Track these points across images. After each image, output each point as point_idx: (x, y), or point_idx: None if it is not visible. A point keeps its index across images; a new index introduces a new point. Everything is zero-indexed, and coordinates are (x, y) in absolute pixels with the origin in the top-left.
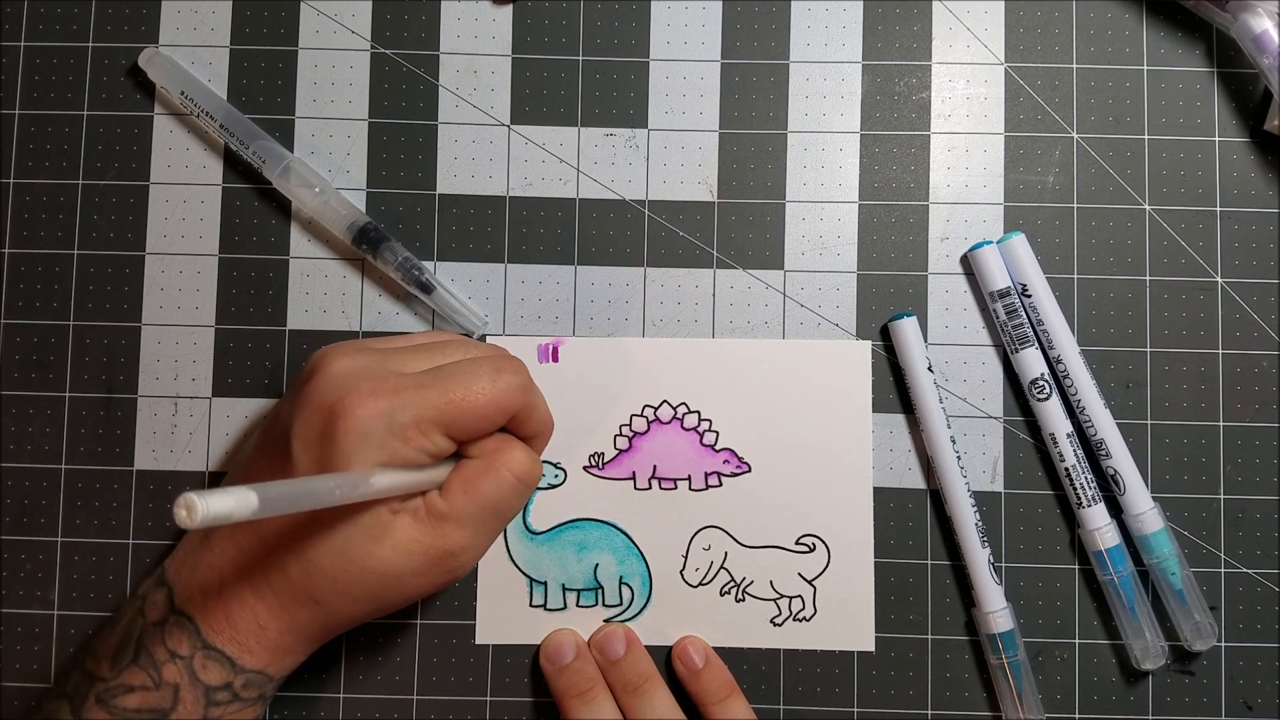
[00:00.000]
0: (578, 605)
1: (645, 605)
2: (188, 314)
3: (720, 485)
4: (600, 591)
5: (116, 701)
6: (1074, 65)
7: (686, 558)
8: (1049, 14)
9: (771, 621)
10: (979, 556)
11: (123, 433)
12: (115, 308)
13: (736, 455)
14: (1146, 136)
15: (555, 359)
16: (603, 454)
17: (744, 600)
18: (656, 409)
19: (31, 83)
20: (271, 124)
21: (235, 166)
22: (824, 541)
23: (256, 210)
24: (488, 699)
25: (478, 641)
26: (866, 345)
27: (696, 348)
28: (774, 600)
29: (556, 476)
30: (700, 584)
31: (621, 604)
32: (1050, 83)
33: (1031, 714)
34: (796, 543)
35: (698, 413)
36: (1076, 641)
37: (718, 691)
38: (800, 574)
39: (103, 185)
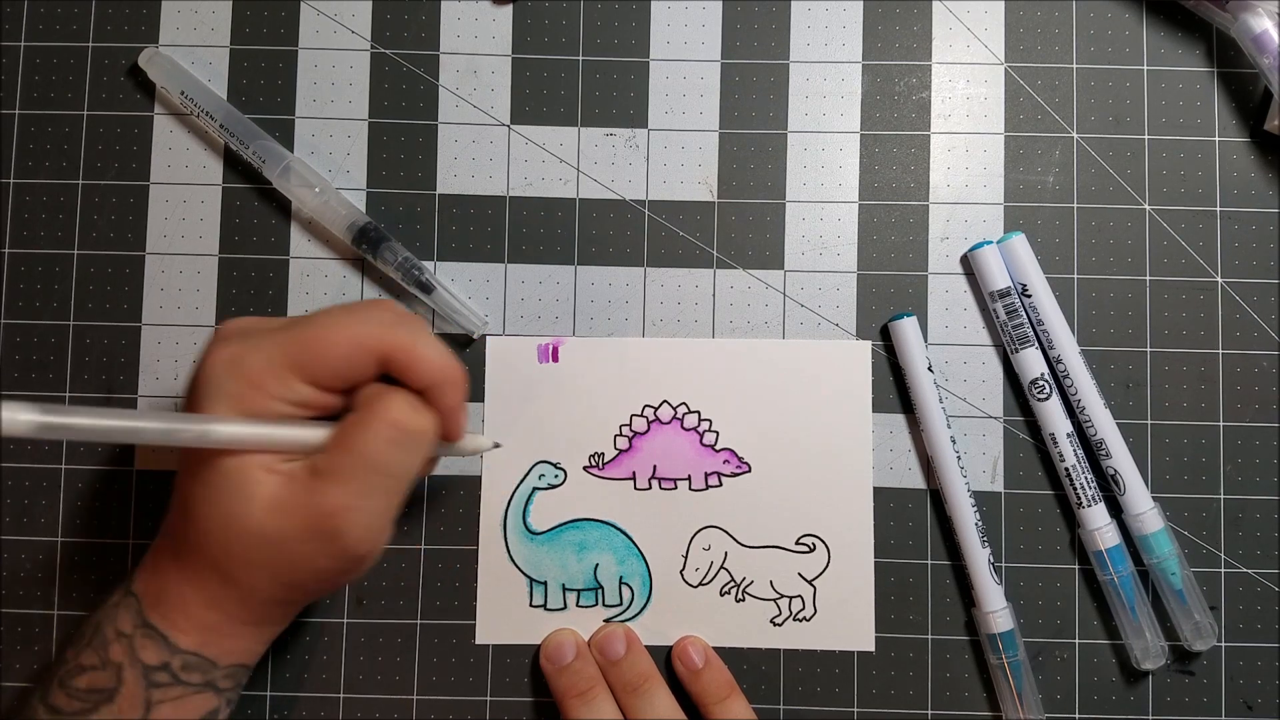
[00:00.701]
0: (578, 605)
1: (645, 605)
2: (188, 314)
3: (720, 485)
4: (600, 591)
5: (72, 682)
6: (1074, 65)
7: (686, 558)
8: (1049, 14)
9: (771, 621)
10: (979, 556)
11: None
12: (115, 308)
13: (736, 455)
14: (1146, 136)
15: (555, 359)
16: (603, 454)
17: (744, 600)
18: (656, 409)
19: (31, 83)
20: (271, 124)
21: (235, 166)
22: (824, 541)
23: (256, 210)
24: (488, 699)
25: (478, 641)
26: (866, 345)
27: (696, 348)
28: (774, 600)
29: (556, 476)
30: (700, 584)
31: (622, 604)
32: (1050, 83)
33: (1031, 714)
34: (796, 543)
35: (698, 413)
36: (1076, 641)
37: (718, 691)
38: (800, 574)
39: (103, 185)
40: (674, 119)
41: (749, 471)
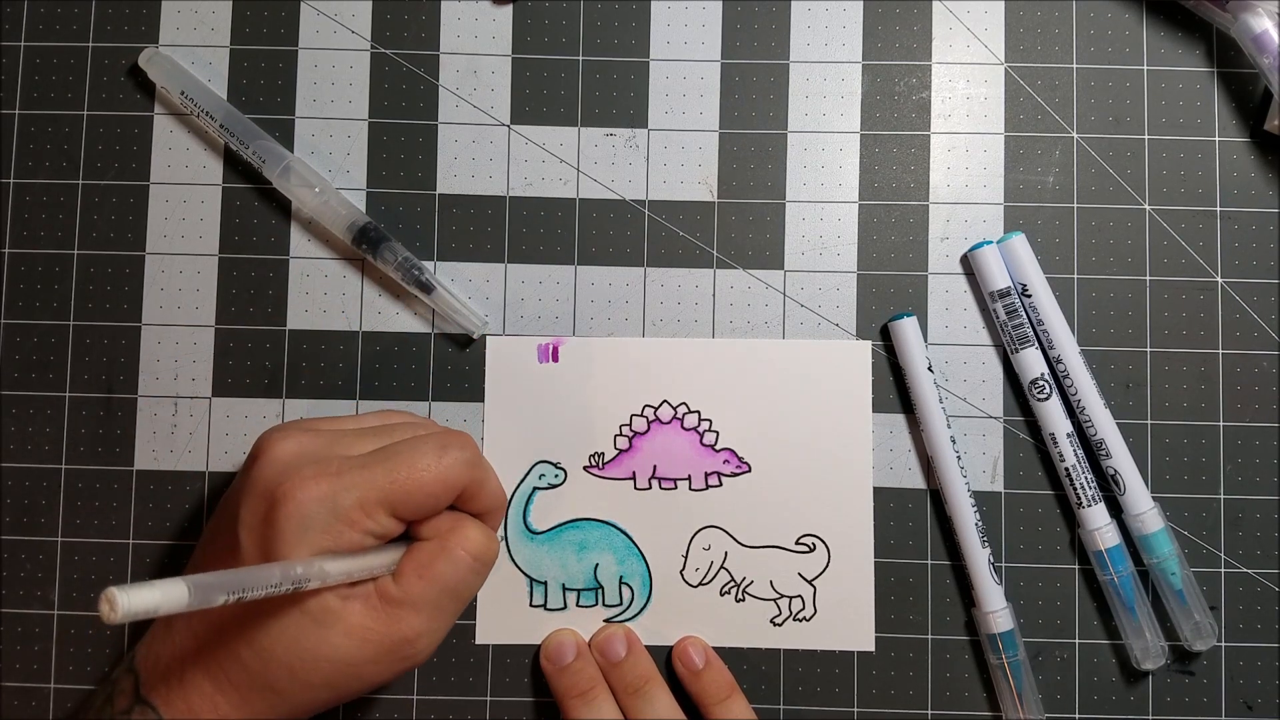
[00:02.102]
0: (578, 605)
1: (645, 605)
2: (188, 314)
3: (720, 485)
4: (600, 591)
5: None
6: (1074, 65)
7: (686, 557)
8: (1049, 14)
9: (771, 621)
10: (979, 556)
11: (123, 433)
12: (115, 308)
13: (736, 455)
14: (1146, 136)
15: (555, 359)
16: (603, 454)
17: (744, 600)
18: (656, 409)
19: (31, 83)
20: (271, 124)
21: (235, 166)
22: (824, 541)
23: (256, 210)
24: (488, 699)
25: (477, 641)
26: (866, 345)
27: (696, 348)
28: (774, 600)
29: (557, 476)
30: (700, 584)
31: (622, 604)
32: (1050, 83)
33: (1031, 714)
34: (796, 543)
35: (698, 412)
36: (1076, 641)
37: (718, 692)
38: (800, 574)
39: (103, 185)
40: (674, 119)
41: (749, 471)
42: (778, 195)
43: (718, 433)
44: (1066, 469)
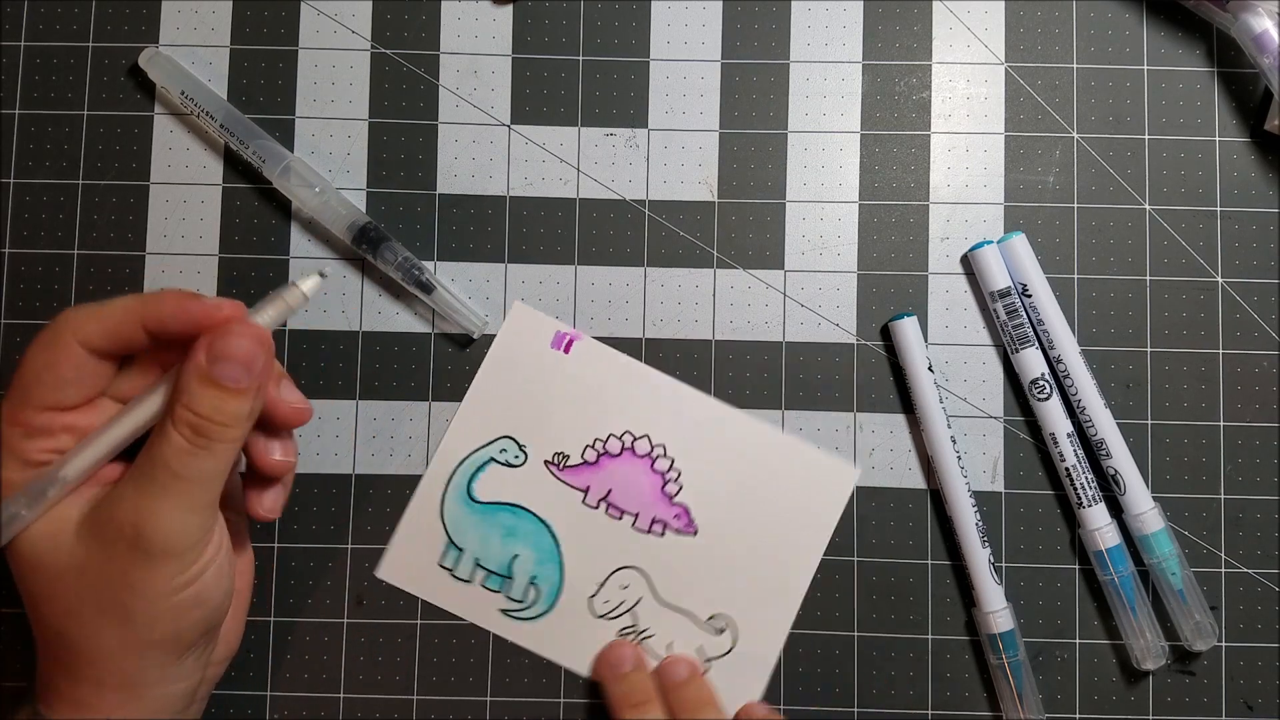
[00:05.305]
0: (483, 585)
1: (543, 613)
2: None
3: (663, 535)
4: (509, 582)
5: None
6: (1074, 65)
7: (602, 587)
8: (1049, 14)
9: None
10: (979, 556)
11: None
12: None
13: (689, 514)
14: (1146, 136)
15: (567, 351)
16: (568, 457)
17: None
18: (636, 439)
19: (31, 83)
20: (271, 124)
21: (235, 166)
22: (737, 630)
23: (256, 210)
24: (488, 699)
25: (377, 574)
26: (854, 474)
27: (701, 403)
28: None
29: (516, 457)
30: (603, 616)
31: (524, 603)
32: (1050, 83)
33: (1031, 714)
34: (709, 619)
35: (672, 459)
36: (1076, 641)
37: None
38: (700, 649)
39: (103, 185)
40: (674, 119)
41: (694, 534)
42: (778, 195)
43: (682, 486)
44: (1067, 469)
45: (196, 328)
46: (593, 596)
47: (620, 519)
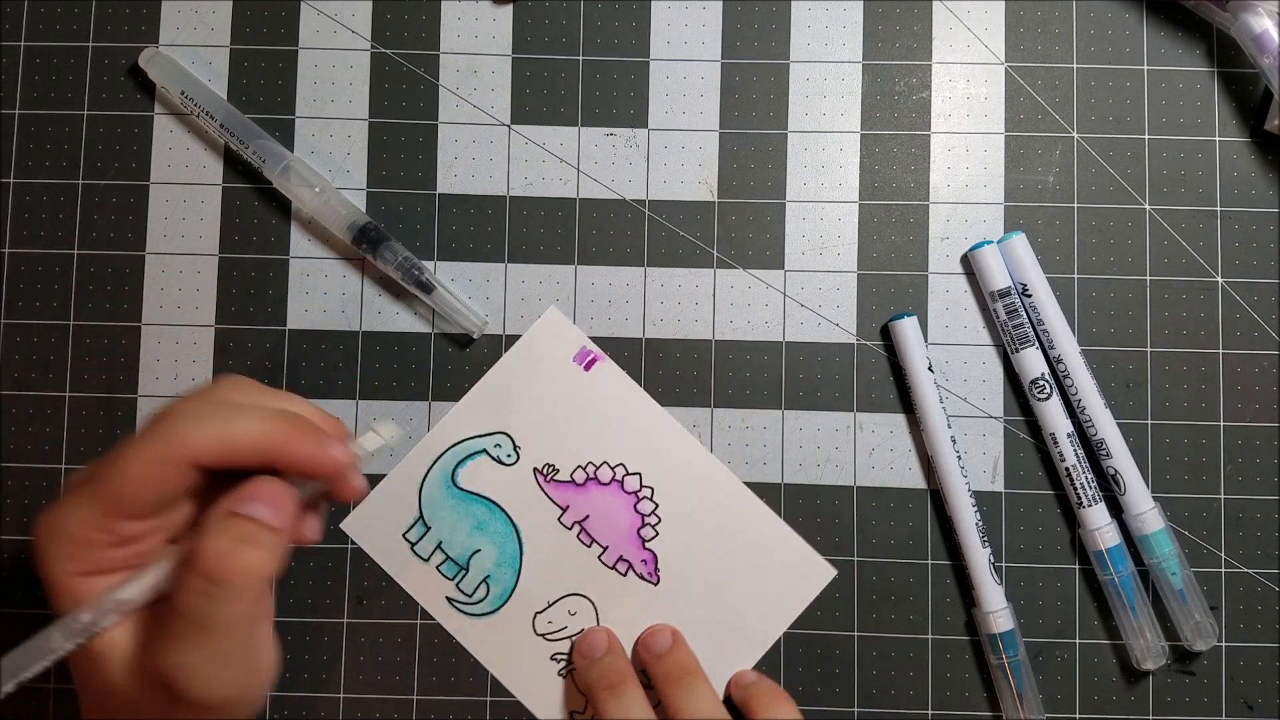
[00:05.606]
0: (438, 569)
1: (488, 613)
2: (188, 314)
3: (625, 575)
4: (464, 573)
5: None
6: (1074, 65)
7: (551, 606)
8: (1049, 14)
9: (571, 714)
10: (979, 556)
11: (123, 433)
12: (115, 308)
13: (656, 564)
14: (1146, 136)
15: (588, 369)
16: (558, 471)
17: (565, 678)
18: (628, 474)
19: (31, 83)
20: (271, 124)
21: (235, 166)
22: None
23: (256, 210)
24: (488, 699)
25: (342, 526)
26: (830, 573)
27: (703, 461)
28: (585, 700)
29: (508, 456)
30: (541, 635)
31: (471, 598)
32: (1050, 83)
33: (1031, 714)
34: (642, 672)
35: (656, 505)
36: (1076, 641)
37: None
38: None
39: (103, 185)
40: (674, 119)
41: (655, 584)
42: (778, 195)
43: (658, 533)
44: (1067, 469)
45: (320, 475)
46: (540, 613)
47: (589, 546)
